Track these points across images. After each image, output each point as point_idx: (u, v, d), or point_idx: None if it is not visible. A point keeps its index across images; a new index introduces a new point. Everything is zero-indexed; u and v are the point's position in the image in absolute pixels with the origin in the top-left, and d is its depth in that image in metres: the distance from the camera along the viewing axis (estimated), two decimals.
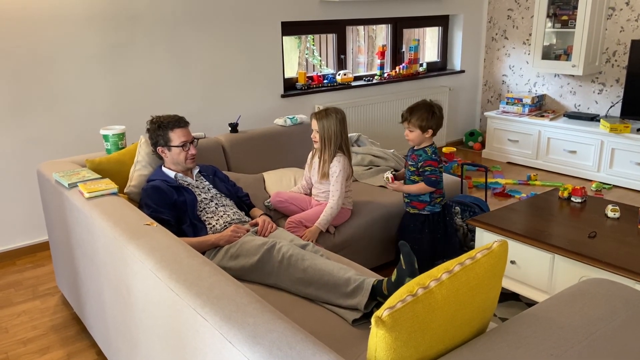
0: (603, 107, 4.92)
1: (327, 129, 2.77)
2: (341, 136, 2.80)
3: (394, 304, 1.16)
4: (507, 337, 1.29)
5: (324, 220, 2.72)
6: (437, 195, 2.77)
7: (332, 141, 2.78)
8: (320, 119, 2.78)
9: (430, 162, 2.69)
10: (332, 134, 2.77)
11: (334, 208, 2.74)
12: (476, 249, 1.31)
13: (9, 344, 2.55)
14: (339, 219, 2.83)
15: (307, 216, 2.78)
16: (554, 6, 4.83)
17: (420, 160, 2.70)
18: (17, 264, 3.37)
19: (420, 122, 2.64)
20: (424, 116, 2.64)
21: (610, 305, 1.45)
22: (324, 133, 2.78)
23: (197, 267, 1.60)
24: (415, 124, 2.65)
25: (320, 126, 2.78)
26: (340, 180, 2.76)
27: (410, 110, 2.67)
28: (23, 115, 3.29)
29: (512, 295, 2.82)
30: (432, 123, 2.66)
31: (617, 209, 2.73)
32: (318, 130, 2.79)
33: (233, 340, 1.26)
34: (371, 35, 5.30)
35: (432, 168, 2.69)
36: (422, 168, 2.70)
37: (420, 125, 2.64)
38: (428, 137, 2.69)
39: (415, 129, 2.66)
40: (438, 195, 2.78)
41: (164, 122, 2.53)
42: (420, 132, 2.66)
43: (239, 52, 4.07)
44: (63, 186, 2.37)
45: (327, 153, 2.80)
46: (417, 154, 2.72)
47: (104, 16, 3.44)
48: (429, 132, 2.66)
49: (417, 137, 2.68)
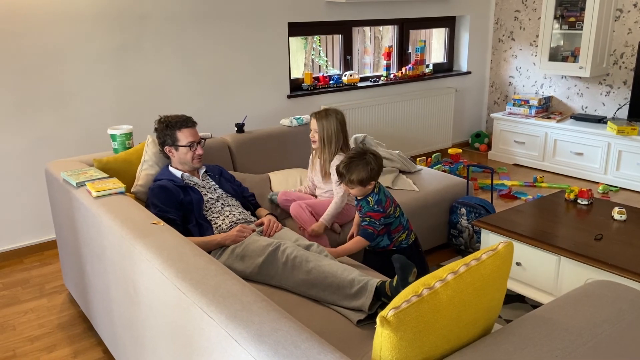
0: (610, 109, 4.89)
1: (326, 129, 2.78)
2: (341, 137, 2.81)
3: (399, 304, 1.16)
4: (512, 338, 1.29)
5: (329, 215, 2.73)
6: (395, 235, 2.51)
7: (332, 141, 2.79)
8: (320, 119, 2.80)
9: (370, 213, 2.44)
10: (332, 134, 2.78)
11: (339, 204, 2.75)
12: (481, 250, 1.32)
13: (16, 341, 2.57)
14: (344, 216, 2.84)
15: (313, 203, 2.82)
16: (561, 7, 4.82)
17: (363, 212, 2.47)
18: (24, 262, 3.39)
19: (361, 178, 2.37)
20: (362, 171, 2.36)
21: (616, 308, 1.45)
22: (323, 133, 2.79)
23: (204, 266, 1.61)
24: (355, 181, 2.38)
25: (320, 126, 2.80)
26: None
27: (347, 168, 2.39)
28: (31, 115, 3.31)
29: (518, 297, 2.81)
30: (373, 174, 2.40)
31: (624, 211, 2.72)
32: (317, 130, 2.81)
33: (239, 339, 1.27)
34: (377, 36, 5.30)
35: (371, 219, 2.43)
36: (362, 219, 2.49)
37: (361, 181, 2.38)
38: (371, 187, 2.44)
39: (355, 185, 2.40)
40: (395, 234, 2.51)
41: (172, 121, 2.54)
42: (362, 187, 2.41)
43: (246, 53, 4.08)
44: (71, 185, 2.39)
45: (326, 152, 2.82)
46: (362, 205, 2.48)
47: (112, 16, 3.46)
48: (371, 184, 2.41)
49: (360, 191, 2.44)
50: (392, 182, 3.32)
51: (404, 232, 2.54)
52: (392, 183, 3.31)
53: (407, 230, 2.56)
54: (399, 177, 3.42)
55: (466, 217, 3.25)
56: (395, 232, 2.51)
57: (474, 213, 3.22)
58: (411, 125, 5.15)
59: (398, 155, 3.55)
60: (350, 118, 4.66)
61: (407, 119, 5.09)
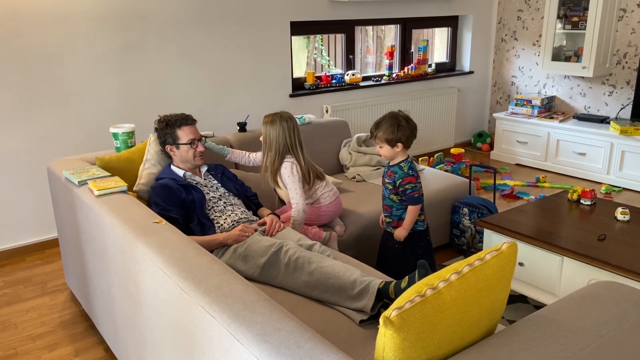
0: (613, 109, 4.88)
1: (267, 134, 2.69)
2: (285, 144, 2.68)
3: (403, 304, 1.16)
4: (515, 339, 1.29)
5: (294, 225, 2.65)
6: (420, 212, 2.58)
7: (273, 148, 2.68)
8: (265, 124, 2.70)
9: (408, 178, 2.50)
10: (273, 140, 2.67)
11: (299, 211, 2.65)
12: (485, 250, 1.31)
13: (18, 339, 2.57)
14: (331, 214, 2.83)
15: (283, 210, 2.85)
16: (564, 7, 4.80)
17: (398, 178, 2.51)
18: (26, 260, 3.39)
19: (387, 136, 2.45)
20: (389, 129, 2.44)
21: (619, 309, 1.44)
22: (265, 138, 2.71)
23: (206, 265, 1.61)
24: (382, 138, 2.46)
25: (264, 131, 2.71)
26: (294, 183, 2.67)
27: (376, 125, 2.49)
28: (34, 113, 3.31)
29: (520, 297, 2.80)
30: (400, 135, 2.45)
31: (627, 211, 2.71)
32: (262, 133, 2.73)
33: (241, 339, 1.27)
34: (380, 36, 5.30)
35: (412, 185, 2.50)
36: (401, 187, 2.52)
37: (387, 139, 2.46)
38: (399, 151, 2.48)
39: (383, 143, 2.48)
40: (420, 211, 2.58)
41: (172, 120, 2.54)
42: (390, 147, 2.47)
43: (248, 52, 4.08)
44: (73, 183, 2.39)
45: (267, 157, 2.72)
46: (393, 171, 2.53)
47: (114, 15, 3.46)
48: (398, 146, 2.46)
49: (387, 152, 2.50)
50: None
51: (422, 213, 2.60)
52: None
53: (424, 213, 2.63)
54: None
55: (468, 217, 3.24)
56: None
57: (476, 213, 3.21)
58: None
59: None
60: (352, 117, 4.66)
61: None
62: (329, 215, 2.85)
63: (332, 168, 3.64)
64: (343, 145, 3.69)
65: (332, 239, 2.73)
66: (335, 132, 3.70)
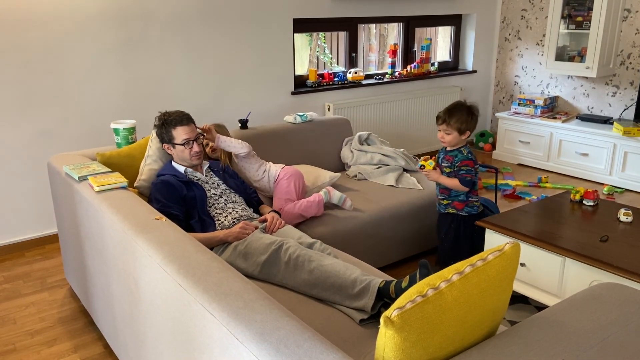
0: (616, 110, 4.86)
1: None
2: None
3: (404, 304, 1.15)
4: (517, 340, 1.28)
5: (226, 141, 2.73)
6: (474, 197, 2.74)
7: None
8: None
9: (466, 162, 2.66)
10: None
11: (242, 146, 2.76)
12: (487, 250, 1.30)
13: (16, 335, 2.56)
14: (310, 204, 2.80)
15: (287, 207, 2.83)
16: (568, 7, 4.78)
17: (457, 161, 2.67)
18: (26, 255, 3.39)
19: (460, 125, 2.61)
20: (462, 119, 2.60)
21: (622, 310, 1.43)
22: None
23: (206, 263, 1.60)
24: (454, 126, 2.61)
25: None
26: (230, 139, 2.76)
27: (449, 113, 2.63)
28: (34, 108, 3.30)
29: (521, 298, 2.79)
30: (471, 125, 2.64)
31: (630, 212, 2.69)
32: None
33: (240, 337, 1.26)
34: (383, 34, 5.28)
35: (468, 168, 2.65)
36: (457, 168, 2.67)
37: (459, 128, 2.61)
38: (464, 138, 2.67)
39: (453, 131, 2.62)
40: (475, 196, 2.74)
41: (168, 119, 2.51)
42: (458, 135, 2.63)
43: (250, 49, 4.06)
44: (73, 179, 2.38)
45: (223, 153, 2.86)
46: (452, 155, 2.69)
47: (116, 11, 3.44)
48: (466, 134, 2.64)
49: (454, 139, 2.65)
50: (395, 181, 3.30)
51: (477, 198, 2.75)
52: (395, 181, 3.29)
53: (478, 199, 2.76)
54: (403, 175, 3.40)
55: None
56: (474, 193, 2.73)
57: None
58: (416, 124, 5.13)
59: (402, 154, 3.53)
60: (354, 116, 4.64)
61: (412, 117, 5.07)
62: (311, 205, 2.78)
63: (333, 166, 3.63)
64: (345, 144, 3.68)
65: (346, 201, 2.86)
66: (337, 130, 3.69)
